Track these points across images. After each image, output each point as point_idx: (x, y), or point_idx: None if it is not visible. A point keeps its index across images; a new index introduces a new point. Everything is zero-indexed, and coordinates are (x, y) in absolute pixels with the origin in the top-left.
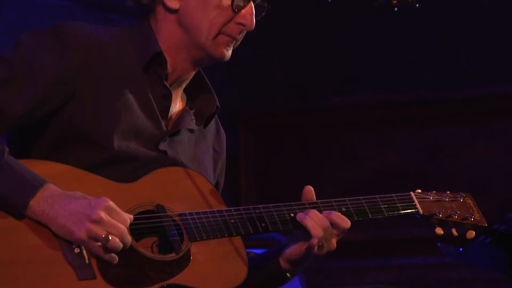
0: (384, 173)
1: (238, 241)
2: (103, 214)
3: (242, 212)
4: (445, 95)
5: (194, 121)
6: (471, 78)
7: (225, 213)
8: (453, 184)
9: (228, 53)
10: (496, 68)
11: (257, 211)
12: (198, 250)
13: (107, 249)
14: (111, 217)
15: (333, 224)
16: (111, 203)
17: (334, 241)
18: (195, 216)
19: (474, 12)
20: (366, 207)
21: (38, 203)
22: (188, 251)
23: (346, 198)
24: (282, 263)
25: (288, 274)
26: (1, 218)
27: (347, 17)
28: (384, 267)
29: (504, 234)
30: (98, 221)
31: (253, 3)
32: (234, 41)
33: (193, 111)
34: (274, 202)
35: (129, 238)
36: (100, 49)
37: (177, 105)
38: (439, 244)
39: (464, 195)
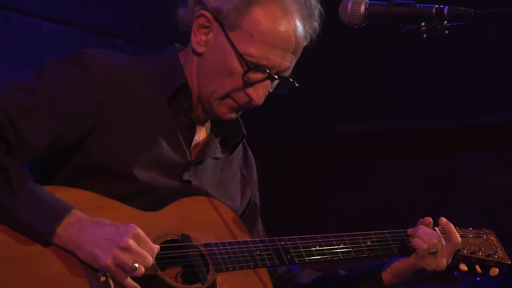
0: (390, 202)
1: (263, 272)
2: (131, 242)
3: (268, 243)
4: (452, 123)
5: (220, 149)
6: (479, 105)
7: (251, 244)
8: (461, 215)
9: (231, 115)
10: (505, 95)
11: (282, 242)
12: (224, 281)
13: (133, 278)
14: (138, 245)
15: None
16: (140, 231)
17: (443, 260)
18: (220, 247)
19: (479, 41)
20: (391, 241)
21: (65, 230)
22: (214, 281)
23: (372, 232)
24: (386, 278)
25: None
26: (26, 245)
27: (351, 45)
28: None
29: None
30: (126, 249)
31: (271, 81)
32: (239, 108)
33: (218, 139)
34: (281, 231)
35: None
36: (124, 79)
37: (201, 134)
38: (456, 273)
39: (488, 232)
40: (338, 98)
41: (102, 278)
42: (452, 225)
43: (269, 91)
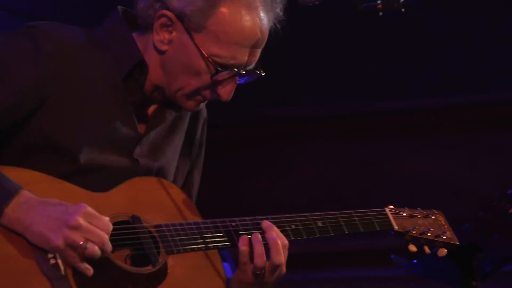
0: (316, 187)
1: (214, 254)
2: (81, 220)
3: (219, 224)
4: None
5: (170, 111)
6: (402, 91)
7: (202, 225)
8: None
9: (197, 107)
10: (425, 81)
11: (233, 223)
12: (175, 263)
13: (84, 258)
14: (90, 223)
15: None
16: (90, 209)
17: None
18: (171, 228)
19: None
20: (342, 223)
21: (13, 210)
22: (165, 264)
23: (323, 213)
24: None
25: None
26: None
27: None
28: (331, 279)
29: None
30: (77, 227)
31: (237, 76)
32: (207, 101)
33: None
34: (204, 213)
35: (110, 246)
36: (77, 53)
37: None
38: (392, 256)
39: (436, 212)
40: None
41: (52, 261)
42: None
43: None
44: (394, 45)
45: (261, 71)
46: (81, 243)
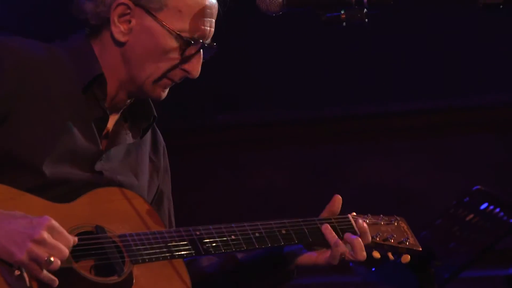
0: (274, 192)
1: (179, 263)
2: (45, 235)
3: (183, 233)
4: (331, 113)
5: (130, 134)
6: (357, 97)
7: (166, 235)
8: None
9: (164, 94)
10: (384, 85)
11: (197, 232)
12: (140, 273)
13: (49, 271)
14: (53, 237)
15: None
16: (54, 222)
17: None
18: (135, 237)
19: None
20: (305, 230)
21: None
22: (131, 273)
23: (286, 221)
24: (288, 263)
25: (293, 275)
26: None
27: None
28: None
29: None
30: (41, 242)
31: (202, 50)
32: (173, 85)
33: (127, 124)
34: None
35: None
36: (36, 69)
37: (113, 121)
38: (351, 264)
39: (399, 219)
40: (214, 89)
41: (17, 272)
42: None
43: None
44: (350, 52)
45: (215, 45)
46: (45, 258)
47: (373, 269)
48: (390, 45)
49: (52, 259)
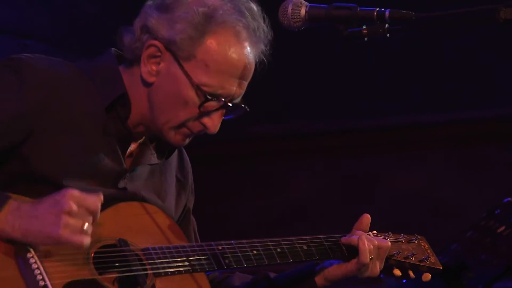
0: (309, 202)
1: (202, 277)
2: (73, 205)
3: (205, 248)
4: (368, 124)
5: (155, 155)
6: (390, 107)
7: (188, 249)
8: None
9: (184, 142)
10: (418, 97)
11: (219, 247)
12: (163, 286)
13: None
14: (79, 203)
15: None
16: (75, 192)
17: (377, 266)
18: (158, 251)
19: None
20: (326, 246)
21: (6, 220)
22: (153, 286)
23: (308, 237)
24: (319, 281)
25: None
26: None
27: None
28: None
29: (445, 266)
30: (72, 212)
31: (226, 110)
32: (194, 135)
33: (153, 144)
34: (199, 231)
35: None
36: (61, 87)
37: (137, 141)
38: (382, 275)
39: (419, 238)
40: (251, 100)
41: (41, 283)
42: (375, 233)
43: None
44: (381, 64)
45: (246, 106)
46: (83, 226)
47: (404, 280)
48: (424, 56)
49: (87, 226)
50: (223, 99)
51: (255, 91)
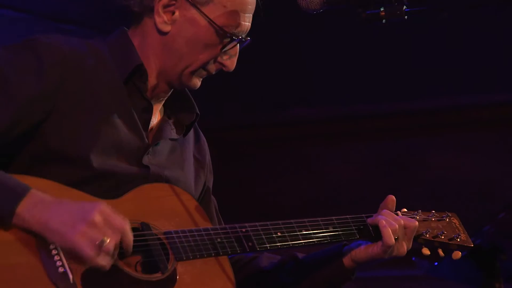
0: (344, 186)
1: (224, 260)
2: (98, 218)
3: (229, 231)
4: (400, 108)
5: (175, 130)
6: (432, 89)
7: (212, 232)
8: (417, 198)
9: (199, 83)
10: (456, 79)
11: (243, 230)
12: (184, 270)
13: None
14: (107, 221)
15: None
16: (106, 208)
17: (403, 246)
18: (181, 235)
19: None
20: (353, 227)
21: (28, 210)
22: (175, 270)
23: (334, 218)
24: (347, 262)
25: (352, 275)
26: None
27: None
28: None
29: (479, 247)
30: (93, 224)
31: (241, 44)
32: (209, 76)
33: (172, 120)
34: (236, 215)
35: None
36: (78, 63)
37: (156, 116)
38: (414, 258)
39: (450, 215)
40: (289, 84)
41: (61, 269)
42: (403, 212)
43: None
44: (417, 45)
45: (249, 38)
46: (100, 239)
47: (436, 263)
48: (462, 37)
49: (106, 239)
50: (240, 36)
51: (290, 75)
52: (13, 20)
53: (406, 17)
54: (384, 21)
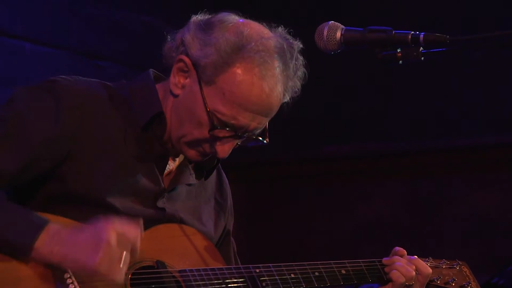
0: (375, 224)
1: None
2: (113, 237)
3: (243, 271)
4: (435, 145)
5: (194, 175)
6: (462, 128)
7: (225, 271)
8: (444, 237)
9: (199, 158)
10: (488, 118)
11: (257, 270)
12: None
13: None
14: (120, 235)
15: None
16: (116, 225)
17: None
18: (195, 273)
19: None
20: (365, 271)
21: (45, 245)
22: None
23: (346, 261)
24: None
25: None
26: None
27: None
28: None
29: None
30: (111, 244)
31: (239, 140)
32: (208, 154)
33: (192, 164)
34: (265, 252)
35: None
36: (97, 107)
37: (175, 160)
38: None
39: (461, 263)
40: (321, 119)
41: (71, 287)
42: (417, 258)
43: (238, 144)
44: (452, 85)
45: (266, 140)
46: (120, 256)
47: None
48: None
49: (125, 255)
50: (235, 131)
51: (327, 111)
52: (45, 55)
53: (422, 58)
54: (400, 62)
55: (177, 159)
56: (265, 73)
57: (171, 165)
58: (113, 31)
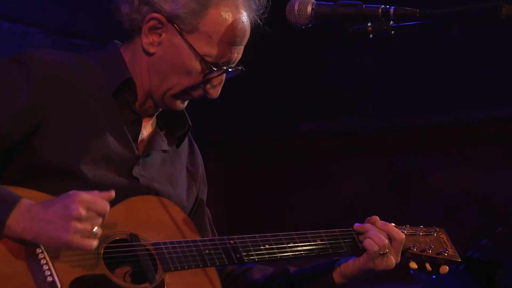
0: (356, 200)
1: (212, 272)
2: (82, 210)
3: (217, 242)
4: (414, 122)
5: (166, 142)
6: (439, 104)
7: (200, 243)
8: (423, 212)
9: (183, 106)
10: (466, 94)
11: (232, 242)
12: (172, 281)
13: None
14: (90, 208)
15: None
16: (84, 195)
17: (391, 259)
18: (169, 246)
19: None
20: (341, 240)
21: (17, 221)
22: (162, 281)
23: (322, 231)
24: (337, 278)
25: None
26: None
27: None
28: None
29: (477, 261)
30: (81, 218)
31: (225, 74)
32: (193, 99)
33: (163, 131)
34: (244, 230)
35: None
36: (67, 76)
37: (147, 128)
38: (412, 271)
39: (438, 230)
40: (302, 97)
41: (49, 279)
42: (389, 225)
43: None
44: (431, 60)
45: (242, 67)
46: (92, 230)
47: (434, 276)
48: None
49: (96, 229)
50: (225, 68)
51: (306, 88)
52: (23, 34)
53: (392, 32)
54: (371, 36)
55: (149, 127)
56: (237, 4)
57: (144, 132)
58: (91, 10)
